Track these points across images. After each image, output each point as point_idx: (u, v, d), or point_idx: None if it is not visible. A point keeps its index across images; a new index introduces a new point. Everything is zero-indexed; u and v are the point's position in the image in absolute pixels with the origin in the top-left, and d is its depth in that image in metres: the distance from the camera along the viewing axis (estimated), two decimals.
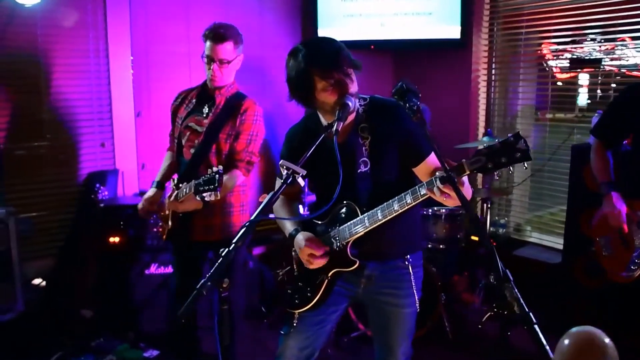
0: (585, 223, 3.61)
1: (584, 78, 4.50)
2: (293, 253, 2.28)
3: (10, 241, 3.32)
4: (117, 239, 3.79)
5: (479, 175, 4.51)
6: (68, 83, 4.02)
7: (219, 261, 1.70)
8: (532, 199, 4.74)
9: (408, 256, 2.21)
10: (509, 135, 1.72)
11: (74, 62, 4.02)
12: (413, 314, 2.28)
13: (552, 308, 3.95)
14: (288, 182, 1.81)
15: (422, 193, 1.90)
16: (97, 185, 4.01)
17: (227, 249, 1.73)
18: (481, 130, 4.74)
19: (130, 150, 4.27)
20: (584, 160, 3.54)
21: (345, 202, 2.10)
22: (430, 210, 3.88)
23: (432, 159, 2.07)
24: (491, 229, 4.33)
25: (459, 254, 4.11)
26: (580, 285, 3.59)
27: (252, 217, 1.80)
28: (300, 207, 3.94)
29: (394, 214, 1.97)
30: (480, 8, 4.62)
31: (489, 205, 4.01)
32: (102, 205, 3.84)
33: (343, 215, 2.11)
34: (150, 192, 3.06)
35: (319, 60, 1.99)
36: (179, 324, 3.22)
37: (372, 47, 4.78)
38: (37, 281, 3.85)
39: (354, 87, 2.04)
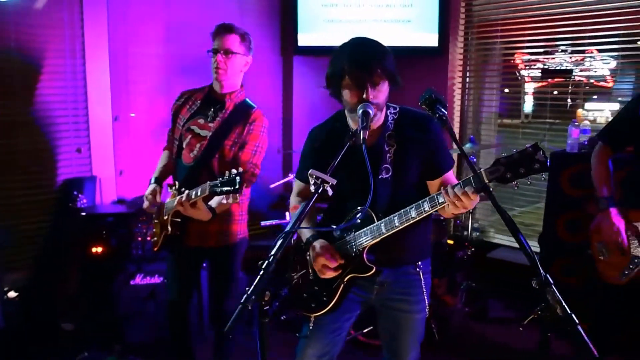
0: (562, 227, 3.78)
1: (529, 87, 4.76)
2: (307, 257, 2.25)
3: None
4: (100, 249, 3.64)
5: None
6: (43, 84, 3.82)
7: (260, 273, 1.64)
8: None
9: (419, 263, 2.23)
10: (527, 145, 1.74)
11: (50, 62, 3.82)
12: (423, 319, 2.29)
13: (528, 307, 4.13)
14: (319, 192, 1.80)
15: (440, 201, 1.92)
16: (75, 192, 3.84)
17: (266, 262, 1.67)
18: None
19: (108, 156, 4.11)
20: (561, 166, 3.73)
21: (362, 207, 2.08)
22: None
23: (449, 175, 2.14)
24: (464, 232, 4.43)
25: (440, 258, 4.21)
26: (556, 285, 3.75)
27: (288, 228, 1.77)
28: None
29: (411, 222, 1.97)
30: (456, 17, 4.74)
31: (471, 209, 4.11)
32: (84, 213, 3.68)
33: (359, 221, 2.09)
34: (151, 187, 2.96)
35: (353, 58, 1.99)
36: (175, 334, 3.13)
37: None
38: (12, 294, 3.63)
39: (378, 98, 2.02)
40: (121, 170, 4.19)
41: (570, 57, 4.37)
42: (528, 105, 4.82)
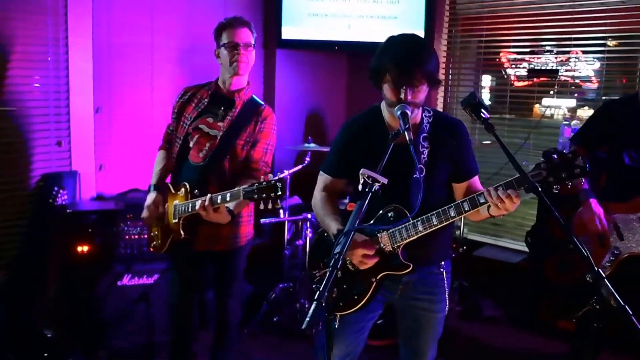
0: (555, 226, 3.86)
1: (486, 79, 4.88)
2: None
3: None
4: (85, 248, 3.45)
5: None
6: (23, 73, 3.57)
7: (329, 271, 1.63)
8: None
9: (442, 263, 2.27)
10: (566, 150, 1.81)
11: (31, 49, 3.58)
12: (443, 318, 2.33)
13: (516, 304, 4.21)
14: (372, 191, 1.80)
15: (481, 202, 1.95)
16: (56, 188, 3.62)
17: (333, 260, 1.67)
18: None
19: (88, 149, 3.89)
20: None
21: (393, 205, 2.10)
22: None
23: (475, 181, 2.21)
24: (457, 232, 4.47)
25: None
26: (544, 282, 3.84)
27: (349, 227, 1.77)
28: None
29: (450, 220, 2.01)
30: (441, 14, 4.75)
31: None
32: (69, 210, 3.48)
33: (391, 219, 2.10)
34: (152, 196, 2.82)
35: (395, 57, 2.01)
36: (176, 338, 3.03)
37: (336, 47, 4.75)
38: None
39: (416, 98, 2.04)
40: (101, 165, 3.99)
41: (556, 57, 4.46)
42: (486, 100, 4.90)
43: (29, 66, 3.60)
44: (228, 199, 2.43)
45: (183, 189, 2.70)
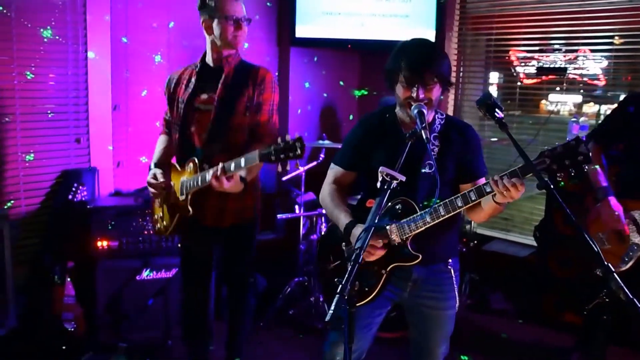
0: (560, 221, 3.92)
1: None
2: (344, 247, 2.30)
3: (5, 249, 2.97)
4: (104, 243, 3.51)
5: None
6: (43, 72, 3.64)
7: (351, 265, 1.70)
8: None
9: (450, 260, 2.32)
10: (569, 139, 1.88)
11: (50, 48, 3.64)
12: (453, 315, 2.36)
13: (523, 297, 4.28)
14: (391, 188, 1.88)
15: (487, 191, 2.01)
16: (75, 184, 3.70)
17: (355, 254, 1.74)
18: None
19: (106, 146, 3.96)
20: None
21: (401, 198, 2.17)
22: None
23: (481, 182, 2.23)
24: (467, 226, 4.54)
25: None
26: (549, 275, 3.91)
27: (369, 223, 1.84)
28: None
29: (457, 210, 2.07)
30: (452, 13, 4.80)
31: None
32: (88, 206, 3.55)
33: (399, 211, 2.17)
34: (152, 171, 2.81)
35: (409, 59, 2.11)
36: (192, 329, 3.06)
37: (349, 46, 4.81)
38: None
39: (428, 96, 2.13)
40: (119, 162, 4.06)
41: (564, 56, 4.51)
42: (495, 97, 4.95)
43: (48, 65, 3.66)
44: (243, 164, 2.32)
45: (191, 164, 2.62)
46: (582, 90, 4.58)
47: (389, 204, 2.17)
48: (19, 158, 3.62)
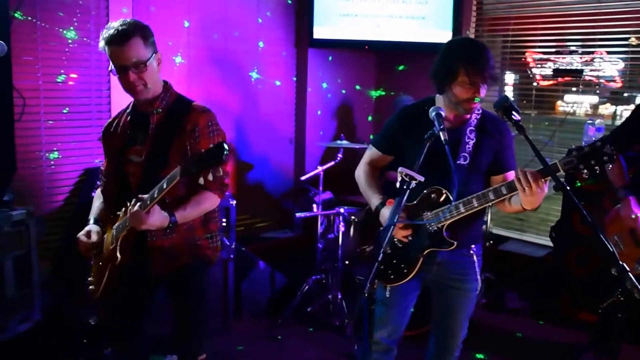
0: (577, 220, 3.94)
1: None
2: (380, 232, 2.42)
3: (31, 244, 3.05)
4: None
5: None
6: (67, 72, 3.73)
7: (375, 264, 1.79)
8: None
9: (473, 246, 2.45)
10: (595, 140, 1.97)
11: (75, 49, 3.74)
12: (475, 297, 2.50)
13: (540, 296, 4.30)
14: (410, 188, 2.00)
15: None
16: (98, 182, 3.76)
17: (377, 253, 1.82)
18: None
19: None
20: None
21: (435, 187, 2.29)
22: None
23: (511, 174, 2.37)
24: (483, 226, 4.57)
25: None
26: (566, 274, 3.93)
27: (388, 222, 1.95)
28: None
29: (489, 203, 2.20)
30: (468, 15, 4.84)
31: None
32: None
33: (434, 200, 2.31)
34: (87, 227, 2.47)
35: (471, 57, 2.21)
36: None
37: (366, 47, 4.87)
38: None
39: (483, 94, 2.26)
40: None
41: (581, 57, 4.53)
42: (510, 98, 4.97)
43: (72, 65, 3.76)
44: (156, 193, 2.10)
45: (123, 208, 2.34)
46: (598, 92, 4.60)
47: (424, 191, 2.30)
48: (43, 156, 3.73)
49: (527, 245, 4.76)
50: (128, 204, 2.24)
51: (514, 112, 2.11)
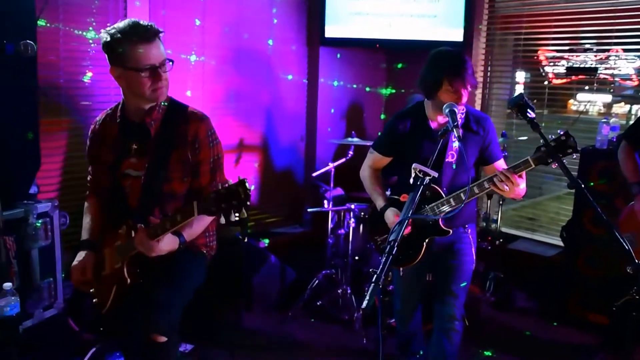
0: (589, 219, 3.94)
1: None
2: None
3: (55, 235, 3.21)
4: None
5: None
6: (85, 70, 3.86)
7: (386, 257, 1.86)
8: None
9: (467, 225, 2.81)
10: (561, 133, 2.20)
11: (94, 48, 3.84)
12: (471, 271, 2.81)
13: (549, 296, 4.31)
14: (424, 184, 2.10)
15: (495, 180, 2.42)
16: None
17: (389, 246, 1.88)
18: None
19: None
20: (590, 162, 3.90)
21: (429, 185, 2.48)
22: None
23: (500, 164, 2.72)
24: (483, 223, 4.61)
25: None
26: (576, 275, 3.93)
27: (402, 216, 2.05)
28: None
29: (475, 196, 2.54)
30: (480, 12, 4.86)
31: (500, 202, 4.30)
32: None
33: (429, 195, 2.59)
34: (82, 254, 2.35)
35: (453, 67, 2.52)
36: None
37: (377, 45, 4.91)
38: None
39: (465, 99, 2.58)
40: None
41: (595, 55, 4.51)
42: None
43: (92, 64, 3.87)
44: (168, 225, 2.03)
45: (125, 226, 2.27)
46: (612, 90, 4.58)
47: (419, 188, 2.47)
48: (66, 151, 3.89)
49: (537, 245, 4.78)
50: (130, 222, 2.20)
51: (529, 110, 2.23)
